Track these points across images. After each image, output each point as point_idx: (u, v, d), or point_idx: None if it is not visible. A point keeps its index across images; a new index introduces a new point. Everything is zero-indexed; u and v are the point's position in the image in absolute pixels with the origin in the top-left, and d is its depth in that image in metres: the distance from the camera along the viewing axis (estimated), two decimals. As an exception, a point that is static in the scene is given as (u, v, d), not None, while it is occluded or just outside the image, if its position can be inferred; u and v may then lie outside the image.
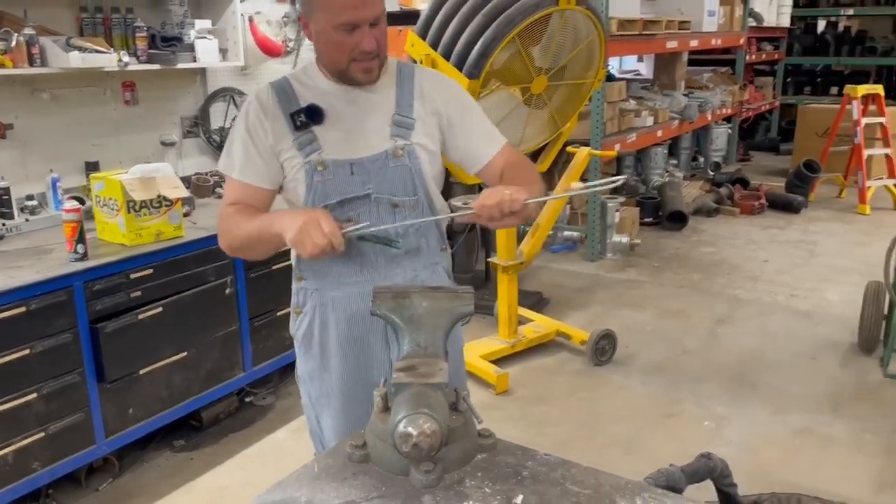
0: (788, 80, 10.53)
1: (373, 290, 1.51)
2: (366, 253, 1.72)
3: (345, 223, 1.64)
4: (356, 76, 1.65)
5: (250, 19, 3.93)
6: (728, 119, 8.42)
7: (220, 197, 3.69)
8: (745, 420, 3.39)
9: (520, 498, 1.26)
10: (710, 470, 1.78)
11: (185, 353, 2.99)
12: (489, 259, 4.20)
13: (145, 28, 3.29)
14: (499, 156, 1.78)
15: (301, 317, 1.80)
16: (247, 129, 1.71)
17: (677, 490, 1.68)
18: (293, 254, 1.77)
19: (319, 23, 1.60)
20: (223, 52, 3.69)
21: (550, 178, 5.45)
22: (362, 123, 1.69)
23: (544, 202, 1.61)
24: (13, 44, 2.85)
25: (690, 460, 2.02)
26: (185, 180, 3.38)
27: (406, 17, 4.83)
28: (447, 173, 4.23)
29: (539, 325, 4.23)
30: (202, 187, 3.69)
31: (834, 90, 10.04)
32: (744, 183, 7.53)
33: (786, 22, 9.61)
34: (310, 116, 1.66)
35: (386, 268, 1.74)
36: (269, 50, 4.07)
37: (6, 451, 2.47)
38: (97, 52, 3.04)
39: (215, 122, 3.96)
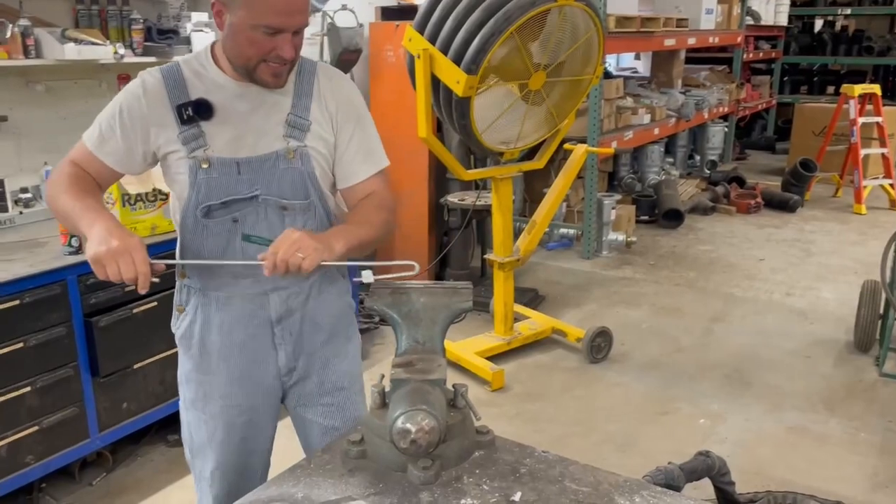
0: (785, 78, 10.55)
1: (371, 285, 1.50)
2: (254, 252, 1.57)
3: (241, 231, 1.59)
4: (263, 78, 1.55)
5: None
6: (725, 117, 8.43)
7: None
8: (739, 418, 3.40)
9: (518, 495, 1.26)
10: (708, 468, 1.78)
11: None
12: (485, 256, 4.19)
13: (141, 20, 3.27)
14: (369, 182, 1.69)
15: (182, 315, 1.71)
16: (121, 109, 1.59)
17: (676, 488, 1.68)
18: (177, 251, 1.68)
19: (238, 16, 1.48)
20: (220, 45, 3.66)
21: (547, 176, 5.45)
22: (254, 121, 1.60)
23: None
24: (8, 35, 2.82)
25: (685, 458, 2.02)
26: (181, 174, 3.35)
27: (404, 12, 4.82)
28: (443, 168, 4.20)
29: (535, 322, 4.23)
30: (198, 181, 3.66)
31: (830, 89, 10.07)
32: (740, 181, 7.53)
33: (783, 20, 9.63)
34: (197, 111, 1.56)
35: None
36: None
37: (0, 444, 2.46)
38: (93, 44, 3.01)
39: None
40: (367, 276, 1.50)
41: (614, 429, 3.31)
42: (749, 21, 8.54)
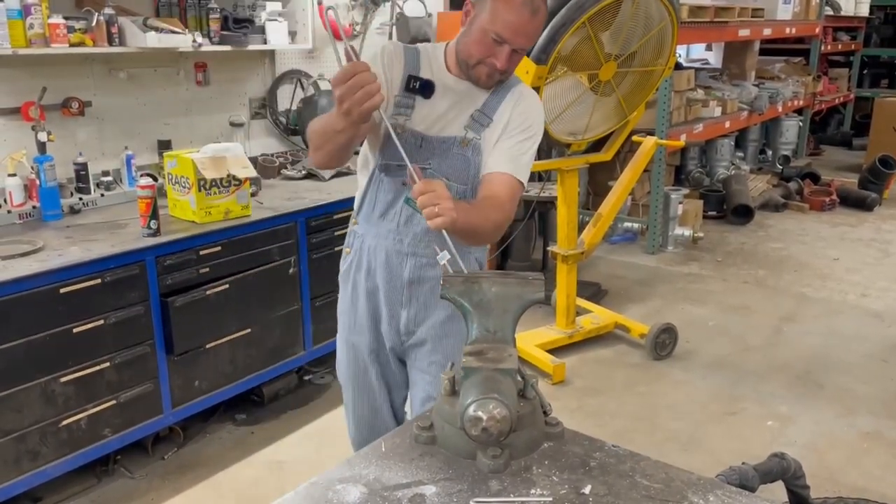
0: (865, 71, 10.14)
1: (442, 276, 1.51)
2: (408, 216, 1.83)
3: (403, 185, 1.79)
4: (478, 76, 1.78)
5: (319, 2, 3.96)
6: (799, 111, 8.15)
7: (285, 178, 3.75)
8: (809, 421, 3.30)
9: (588, 488, 1.25)
10: (783, 470, 1.73)
11: (248, 330, 3.05)
12: (548, 248, 4.16)
13: (218, 10, 3.35)
14: (500, 178, 1.80)
15: (347, 255, 1.98)
16: (382, 49, 1.83)
17: (750, 489, 1.64)
18: (356, 199, 1.93)
19: (481, 18, 1.72)
20: (292, 34, 3.73)
21: (612, 168, 5.37)
22: (450, 112, 1.82)
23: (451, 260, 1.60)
24: (94, 23, 2.93)
25: (752, 460, 1.97)
26: (252, 161, 3.41)
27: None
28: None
29: (597, 316, 4.18)
30: (268, 168, 3.74)
31: (913, 83, 9.63)
32: (814, 178, 7.28)
33: (864, 11, 9.24)
34: (423, 87, 1.80)
35: (418, 234, 1.84)
36: (337, 33, 4.09)
37: (80, 416, 2.56)
38: (173, 32, 3.10)
39: (282, 104, 4.02)
40: (441, 258, 1.56)
41: (678, 427, 3.26)
42: (828, 11, 8.22)
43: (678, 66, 6.28)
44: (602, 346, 4.05)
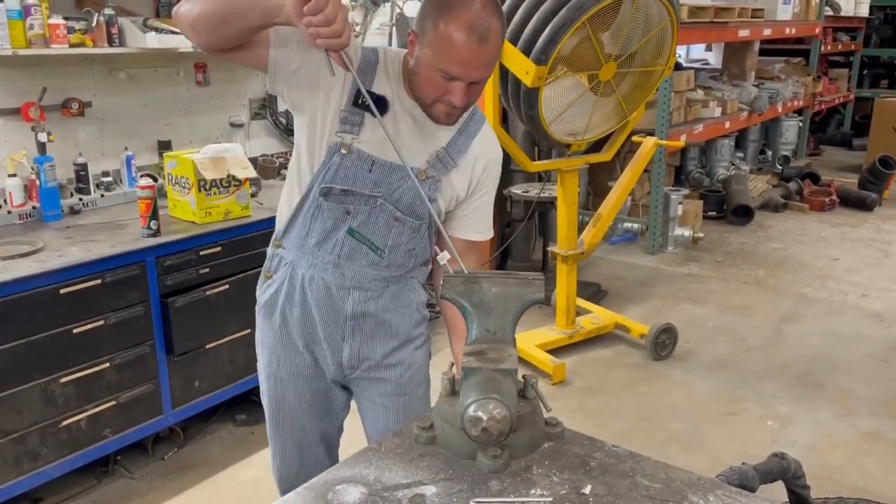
0: (865, 72, 10.14)
1: (442, 276, 1.50)
2: (351, 248, 1.67)
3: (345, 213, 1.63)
4: (437, 115, 1.58)
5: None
6: (799, 112, 8.15)
7: (285, 179, 3.74)
8: (810, 421, 3.30)
9: (588, 488, 1.25)
10: (783, 470, 1.73)
11: (248, 330, 3.04)
12: (548, 248, 4.16)
13: (218, 10, 3.35)
14: (476, 244, 1.78)
15: (269, 282, 1.75)
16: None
17: (750, 489, 1.64)
18: (279, 218, 1.73)
19: (424, 53, 1.50)
20: (292, 34, 3.72)
21: (612, 168, 5.37)
22: (409, 140, 1.62)
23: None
24: (94, 24, 2.93)
25: (752, 460, 1.97)
26: (252, 161, 3.41)
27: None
28: (507, 159, 4.20)
29: (597, 316, 4.18)
30: (268, 169, 3.75)
31: (913, 83, 9.64)
32: (814, 178, 7.29)
33: (864, 11, 9.25)
34: (374, 104, 1.53)
35: (363, 268, 1.69)
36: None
37: (80, 417, 2.56)
38: (172, 32, 3.10)
39: (282, 104, 4.01)
40: (442, 258, 1.55)
41: (679, 427, 3.26)
42: (828, 12, 8.22)
43: (678, 67, 6.28)
44: (602, 347, 4.05)
